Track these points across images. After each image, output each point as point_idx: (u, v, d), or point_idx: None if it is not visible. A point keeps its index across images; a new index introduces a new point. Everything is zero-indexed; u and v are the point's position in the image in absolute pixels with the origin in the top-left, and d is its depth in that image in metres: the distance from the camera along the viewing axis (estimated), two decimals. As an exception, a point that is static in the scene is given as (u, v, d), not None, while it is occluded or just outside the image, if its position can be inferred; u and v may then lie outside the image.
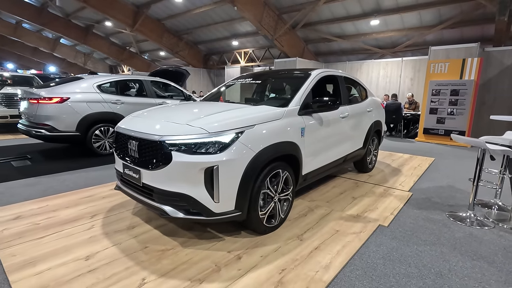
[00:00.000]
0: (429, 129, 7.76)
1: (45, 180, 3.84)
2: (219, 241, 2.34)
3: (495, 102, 7.74)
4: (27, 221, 2.61)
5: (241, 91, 3.91)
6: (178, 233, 2.45)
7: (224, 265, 2.02)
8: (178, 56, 16.23)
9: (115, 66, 27.01)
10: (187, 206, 2.09)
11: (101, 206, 3.00)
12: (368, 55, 12.42)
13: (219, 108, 2.56)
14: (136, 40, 18.56)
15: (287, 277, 1.90)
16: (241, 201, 2.15)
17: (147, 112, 2.76)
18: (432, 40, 10.01)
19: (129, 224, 2.61)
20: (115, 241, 2.30)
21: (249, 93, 3.85)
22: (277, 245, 2.29)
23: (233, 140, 2.09)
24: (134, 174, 2.28)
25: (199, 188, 2.04)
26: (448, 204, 3.31)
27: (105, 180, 3.90)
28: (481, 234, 2.60)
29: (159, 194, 2.14)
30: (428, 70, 7.69)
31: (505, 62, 7.59)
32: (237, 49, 15.57)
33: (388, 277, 1.94)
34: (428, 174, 4.56)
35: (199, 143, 2.03)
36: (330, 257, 2.14)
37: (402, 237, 2.49)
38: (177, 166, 2.02)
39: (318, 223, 2.70)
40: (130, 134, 2.30)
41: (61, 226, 2.54)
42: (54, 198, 3.18)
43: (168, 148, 2.05)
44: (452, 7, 8.37)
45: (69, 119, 4.84)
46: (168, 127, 2.17)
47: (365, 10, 9.62)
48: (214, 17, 12.81)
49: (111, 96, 5.36)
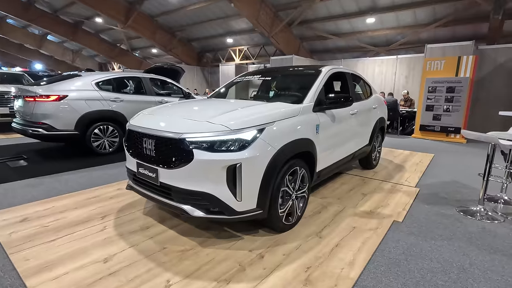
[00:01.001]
0: (425, 126, 7.88)
1: (47, 180, 3.71)
2: (238, 240, 2.31)
3: (489, 99, 7.93)
4: (35, 223, 2.51)
5: (250, 88, 3.85)
6: (195, 233, 2.40)
7: (248, 264, 1.98)
8: (172, 54, 15.99)
9: (105, 64, 26.45)
10: (208, 205, 2.05)
11: (110, 206, 2.92)
12: (362, 53, 12.52)
13: (235, 105, 2.52)
14: (127, 37, 18.19)
15: (314, 275, 1.88)
16: (263, 199, 2.12)
17: (159, 109, 2.69)
18: (426, 38, 10.16)
19: (142, 224, 2.54)
20: (132, 242, 2.23)
21: (258, 90, 3.80)
22: (297, 243, 2.27)
23: (255, 137, 2.05)
24: (151, 173, 2.21)
25: (221, 187, 2.00)
26: (455, 199, 3.36)
27: (109, 179, 3.80)
28: (493, 228, 2.64)
29: (179, 193, 2.09)
30: (425, 68, 7.80)
31: (498, 60, 7.77)
32: (232, 47, 15.45)
33: (412, 272, 1.95)
34: (431, 170, 4.62)
35: (222, 140, 1.99)
36: (352, 254, 2.13)
37: (418, 232, 2.51)
38: (199, 164, 1.97)
39: (333, 220, 2.69)
40: (146, 132, 2.23)
41: (72, 228, 2.45)
42: (59, 199, 3.07)
43: (189, 146, 2.00)
44: (447, 5, 8.50)
45: (68, 118, 4.69)
46: (187, 125, 2.11)
47: (361, 8, 9.68)
48: (208, 14, 12.65)
49: (110, 94, 5.22)
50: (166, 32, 15.05)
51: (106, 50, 20.27)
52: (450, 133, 7.56)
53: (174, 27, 14.77)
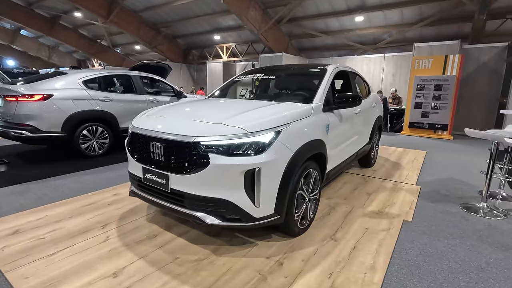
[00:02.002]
0: (414, 123, 8.07)
1: (34, 187, 3.45)
2: (252, 246, 2.21)
3: (473, 97, 8.22)
4: (29, 235, 2.31)
5: (252, 87, 3.74)
6: (206, 240, 2.28)
7: (268, 272, 1.90)
8: (156, 50, 15.54)
9: (84, 61, 25.36)
10: (225, 212, 1.94)
11: (110, 214, 2.74)
12: (350, 51, 12.67)
13: (245, 106, 2.41)
14: (108, 33, 17.50)
15: (338, 281, 1.83)
16: (280, 204, 2.04)
17: (163, 110, 2.53)
18: (412, 37, 10.41)
19: (148, 232, 2.39)
20: (140, 253, 2.09)
21: (262, 90, 3.70)
22: (314, 248, 2.21)
23: (273, 140, 1.96)
24: (160, 179, 2.07)
25: (238, 192, 1.89)
26: (456, 196, 3.42)
27: (104, 184, 3.59)
28: (498, 224, 2.70)
29: (192, 200, 1.96)
30: (413, 66, 7.97)
31: (481, 59, 8.06)
32: (219, 44, 15.21)
33: (434, 274, 1.93)
34: (427, 167, 4.71)
35: (239, 143, 1.88)
36: (371, 257, 2.10)
37: (430, 232, 2.52)
38: (215, 169, 1.85)
39: (345, 222, 2.66)
40: (153, 135, 2.09)
41: (72, 239, 2.27)
42: (52, 208, 2.85)
43: (204, 150, 1.88)
44: (432, 5, 8.72)
45: (54, 118, 4.40)
46: (200, 127, 1.98)
47: (350, 6, 9.76)
48: (195, 10, 12.36)
49: (99, 93, 4.95)
50: (151, 28, 14.58)
51: (86, 46, 19.42)
52: (437, 130, 7.78)
53: (159, 23, 14.33)
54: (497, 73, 7.96)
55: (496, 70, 7.95)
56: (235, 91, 4.00)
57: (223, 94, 3.57)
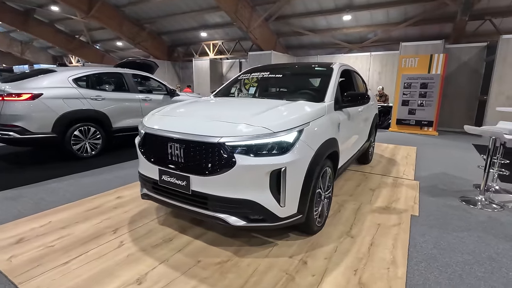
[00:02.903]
0: (401, 120, 8.35)
1: (28, 191, 3.26)
2: (272, 246, 2.21)
3: (455, 95, 8.61)
4: (36, 243, 2.18)
5: (256, 85, 3.70)
6: (224, 242, 2.25)
7: (295, 272, 1.90)
8: (140, 47, 15.06)
9: (60, 57, 24.16)
10: (249, 213, 1.92)
11: (118, 218, 2.63)
12: (336, 49, 12.87)
13: (262, 104, 2.39)
14: (88, 28, 16.76)
15: (364, 277, 1.86)
16: (303, 203, 2.05)
17: (176, 110, 2.46)
18: (397, 37, 10.73)
19: (163, 236, 2.33)
20: (160, 258, 2.03)
21: (268, 88, 3.67)
22: (333, 245, 2.23)
23: (296, 139, 1.96)
24: (180, 181, 2.01)
25: (264, 193, 1.88)
26: (454, 190, 3.58)
27: (104, 187, 3.45)
28: (497, 216, 2.85)
29: (216, 202, 1.93)
30: (400, 65, 8.22)
31: (462, 58, 8.45)
32: (206, 41, 14.97)
33: (451, 266, 2.01)
34: (420, 162, 4.89)
35: (265, 143, 1.86)
36: (389, 252, 2.15)
37: (438, 225, 2.62)
38: (241, 170, 1.83)
39: (356, 218, 2.71)
40: (172, 136, 2.02)
41: (83, 246, 2.16)
42: (54, 213, 2.71)
43: (229, 151, 1.84)
44: (417, 5, 9.02)
45: (44, 119, 4.17)
46: (224, 127, 1.94)
47: (337, 5, 9.90)
48: (181, 6, 12.08)
49: (90, 91, 4.75)
50: (134, 24, 14.10)
51: (63, 42, 18.47)
52: (423, 126, 8.09)
53: (143, 19, 13.89)
54: (477, 72, 8.38)
55: (476, 69, 8.37)
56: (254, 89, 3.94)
57: (228, 93, 3.52)
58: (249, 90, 3.64)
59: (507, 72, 7.10)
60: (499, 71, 7.15)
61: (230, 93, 3.50)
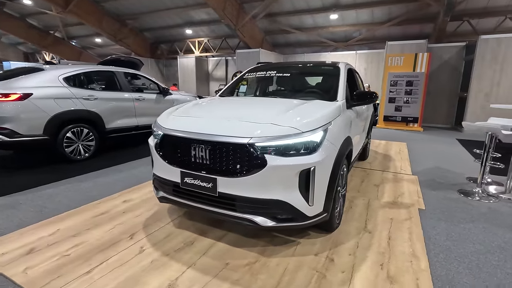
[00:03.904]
0: (388, 116, 8.64)
1: (25, 198, 3.07)
2: (296, 245, 2.22)
3: (437, 92, 9.02)
4: (50, 253, 2.06)
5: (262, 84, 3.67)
6: (247, 243, 2.24)
7: (324, 269, 1.93)
8: (122, 44, 14.54)
9: (32, 54, 22.83)
10: (279, 213, 1.92)
11: (130, 222, 2.54)
12: (322, 48, 13.08)
13: (281, 104, 2.40)
14: (64, 24, 15.94)
15: (391, 271, 1.92)
16: (328, 201, 2.08)
17: (193, 109, 2.40)
18: (380, 36, 11.07)
19: (183, 239, 2.27)
20: (187, 262, 1.98)
21: (276, 87, 3.66)
22: (354, 241, 2.28)
23: (323, 138, 1.98)
24: (205, 183, 1.98)
25: (294, 192, 1.89)
26: (450, 183, 3.76)
27: (105, 191, 3.31)
28: (496, 207, 3.03)
29: (244, 203, 1.91)
30: (387, 63, 8.49)
31: (444, 57, 8.86)
32: (191, 38, 14.70)
33: (467, 256, 2.12)
34: (413, 157, 5.09)
35: (295, 143, 1.87)
36: (408, 246, 2.23)
37: (445, 218, 2.74)
38: (272, 170, 1.82)
39: (369, 214, 2.78)
40: (196, 138, 1.98)
41: (102, 254, 2.07)
42: (60, 220, 2.57)
43: (259, 152, 1.83)
44: (401, 6, 9.34)
45: (34, 120, 3.94)
46: (253, 128, 1.92)
47: (325, 4, 10.04)
48: (166, 2, 11.77)
49: (82, 91, 4.53)
50: (115, 20, 13.58)
51: (36, 38, 17.45)
52: (409, 122, 8.42)
53: (125, 14, 13.40)
54: (457, 70, 8.82)
55: (456, 67, 8.81)
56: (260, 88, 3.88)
57: (234, 92, 3.49)
58: (257, 89, 3.61)
59: (485, 71, 7.53)
60: (478, 69, 7.57)
61: (239, 91, 3.47)
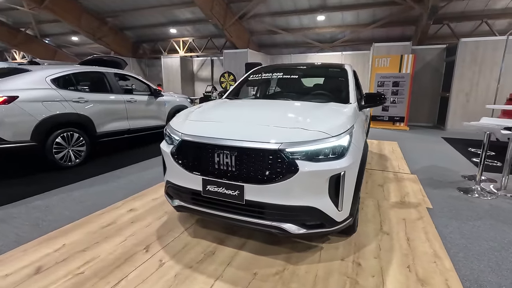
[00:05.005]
0: (376, 116, 8.87)
1: (17, 211, 2.82)
2: (319, 250, 2.19)
3: (420, 93, 9.37)
4: (61, 272, 1.89)
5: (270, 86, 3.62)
6: (270, 251, 2.18)
7: (355, 274, 1.91)
8: (101, 43, 13.92)
9: (0, 52, 21.34)
10: (308, 220, 1.88)
11: (142, 233, 2.40)
12: (307, 49, 13.21)
13: (300, 107, 2.35)
14: (37, 21, 15.02)
15: (420, 273, 1.93)
16: (354, 205, 2.06)
17: (210, 114, 2.31)
18: (364, 37, 11.35)
19: (202, 250, 2.18)
20: (213, 274, 1.89)
21: (283, 89, 3.61)
22: (375, 244, 2.29)
23: (349, 142, 1.96)
24: (231, 191, 1.89)
25: (324, 198, 1.85)
26: (448, 181, 3.89)
27: (106, 200, 3.12)
28: (497, 203, 3.16)
29: (273, 211, 1.85)
30: (374, 64, 8.71)
31: (426, 59, 9.22)
32: (175, 38, 14.34)
33: (485, 254, 2.18)
34: (407, 156, 5.23)
35: (325, 148, 1.83)
36: (428, 246, 2.27)
37: (454, 216, 2.82)
38: (304, 176, 1.77)
39: (382, 215, 2.80)
40: (222, 144, 1.89)
41: (119, 270, 1.93)
42: (62, 234, 2.38)
43: (291, 157, 1.78)
44: (385, 8, 9.62)
45: (21, 125, 3.65)
46: (282, 133, 1.86)
47: (312, 5, 10.14)
48: (149, 0, 11.39)
49: (72, 93, 4.27)
50: (95, 17, 12.98)
51: (5, 35, 16.31)
52: (396, 122, 8.69)
53: (104, 12, 12.83)
54: (438, 71, 9.21)
55: (437, 68, 9.19)
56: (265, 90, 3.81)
57: (238, 94, 3.41)
58: (266, 91, 3.55)
59: (466, 72, 7.92)
60: (459, 70, 7.94)
61: (237, 94, 3.39)
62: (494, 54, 7.64)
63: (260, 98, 3.49)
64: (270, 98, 3.16)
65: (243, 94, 3.81)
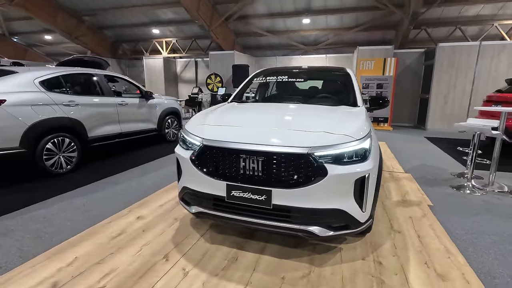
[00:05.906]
0: (361, 117, 9.15)
1: (15, 222, 2.64)
2: (339, 251, 2.23)
3: (401, 95, 9.80)
4: (82, 286, 1.79)
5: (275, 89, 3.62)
6: (291, 254, 2.19)
7: (379, 273, 1.97)
8: (78, 42, 13.29)
9: (-38, 51, 19.74)
10: (333, 222, 1.91)
11: (157, 242, 2.33)
12: (291, 51, 13.40)
13: (316, 111, 2.40)
14: (5, 18, 14.09)
15: (438, 269, 2.02)
16: (374, 206, 2.12)
17: (224, 118, 2.28)
18: (347, 40, 11.70)
19: (224, 256, 2.15)
20: (241, 281, 1.87)
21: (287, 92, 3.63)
22: (390, 243, 2.37)
23: (371, 145, 2.02)
24: (257, 196, 1.88)
25: (349, 200, 1.89)
26: (440, 179, 4.10)
27: (108, 208, 2.99)
28: (489, 199, 3.37)
29: (301, 214, 1.86)
30: (358, 67, 9.00)
31: (406, 62, 9.66)
32: (157, 38, 14.00)
33: (490, 248, 2.33)
34: (397, 156, 5.46)
35: (351, 151, 1.87)
36: (438, 242, 2.38)
37: (454, 212, 2.98)
38: (332, 180, 1.80)
39: (388, 214, 2.91)
40: (249, 148, 1.88)
41: (143, 281, 1.86)
42: (72, 246, 2.25)
43: (320, 161, 1.80)
44: (367, 13, 9.98)
45: (8, 130, 3.42)
46: (310, 137, 1.88)
47: (297, 8, 10.31)
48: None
49: (62, 96, 4.05)
50: (71, 16, 12.38)
51: (-31, 33, 15.18)
52: (380, 122, 9.02)
53: (82, 10, 12.28)
54: (417, 74, 9.68)
55: (417, 71, 9.66)
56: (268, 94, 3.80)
57: (241, 97, 3.39)
58: (272, 94, 3.56)
59: (443, 75, 8.39)
60: (438, 74, 8.40)
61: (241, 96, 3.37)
62: (468, 59, 8.15)
63: (265, 101, 3.50)
64: (276, 101, 3.18)
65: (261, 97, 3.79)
